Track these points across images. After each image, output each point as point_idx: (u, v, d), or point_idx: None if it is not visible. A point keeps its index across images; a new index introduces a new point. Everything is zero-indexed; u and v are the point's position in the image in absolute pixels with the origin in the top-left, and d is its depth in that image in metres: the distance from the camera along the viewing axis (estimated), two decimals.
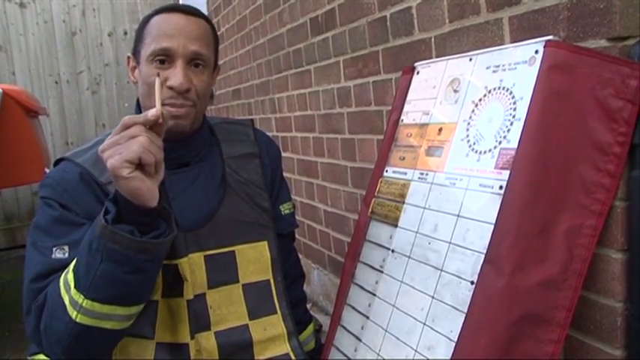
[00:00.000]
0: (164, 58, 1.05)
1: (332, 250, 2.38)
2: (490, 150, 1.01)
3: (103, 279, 0.90)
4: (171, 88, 1.04)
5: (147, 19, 1.10)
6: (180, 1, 4.09)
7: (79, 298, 0.92)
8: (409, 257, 1.15)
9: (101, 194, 1.05)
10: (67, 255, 1.01)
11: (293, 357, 1.18)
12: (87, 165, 1.07)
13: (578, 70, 0.90)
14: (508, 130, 0.97)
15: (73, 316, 0.92)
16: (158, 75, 1.01)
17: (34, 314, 0.99)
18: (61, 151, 4.47)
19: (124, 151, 0.85)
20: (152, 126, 0.89)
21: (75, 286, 0.92)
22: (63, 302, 0.93)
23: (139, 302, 0.98)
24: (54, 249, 1.02)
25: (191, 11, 1.10)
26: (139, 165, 0.87)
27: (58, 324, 0.95)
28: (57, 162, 1.14)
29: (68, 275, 0.95)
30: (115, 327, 0.96)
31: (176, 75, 1.04)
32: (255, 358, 1.15)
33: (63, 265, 0.99)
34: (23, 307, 1.02)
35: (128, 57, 1.15)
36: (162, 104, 1.03)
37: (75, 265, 0.94)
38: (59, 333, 0.95)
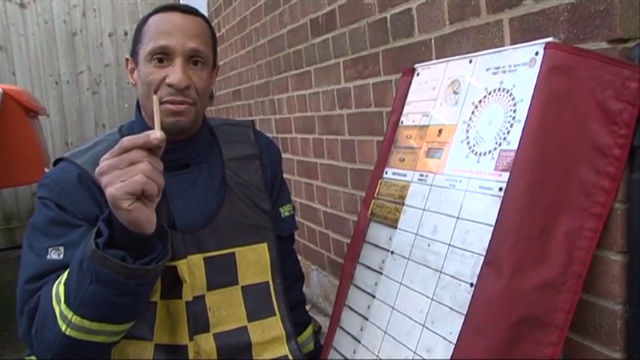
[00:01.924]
0: (163, 56, 1.04)
1: (331, 252, 2.38)
2: (490, 152, 1.00)
3: (91, 299, 0.89)
4: (170, 85, 1.03)
5: (144, 20, 1.10)
6: (181, 2, 4.09)
7: (69, 314, 0.90)
8: (408, 259, 1.15)
9: (99, 196, 1.04)
10: (62, 256, 1.00)
11: (291, 359, 1.18)
12: (86, 166, 1.07)
13: (579, 72, 0.90)
14: (508, 132, 0.97)
15: (63, 329, 0.91)
16: (155, 92, 1.00)
17: (27, 317, 0.98)
18: (60, 151, 4.47)
19: (126, 179, 0.81)
20: (151, 148, 0.85)
21: (65, 301, 0.91)
22: (54, 313, 0.93)
23: (129, 321, 0.97)
24: (49, 249, 1.01)
25: (189, 10, 1.10)
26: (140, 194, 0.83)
27: (48, 333, 0.94)
28: (56, 162, 1.13)
29: (60, 288, 0.93)
30: (105, 340, 0.95)
31: (175, 72, 1.03)
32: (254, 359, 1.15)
33: (58, 266, 0.98)
34: (16, 308, 1.01)
35: (127, 59, 1.14)
36: (162, 102, 1.03)
37: (66, 280, 0.93)
38: (49, 341, 0.94)
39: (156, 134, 0.84)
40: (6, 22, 4.59)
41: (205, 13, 4.08)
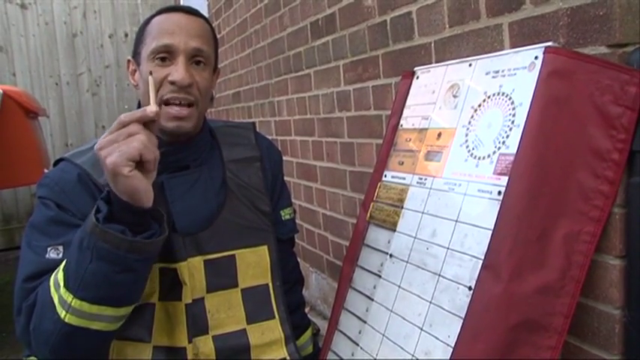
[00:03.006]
0: (165, 55, 1.05)
1: (330, 254, 2.38)
2: (489, 155, 1.01)
3: (92, 278, 0.90)
4: (173, 83, 1.04)
5: (147, 21, 1.11)
6: (182, 4, 4.10)
7: (68, 297, 0.91)
8: (407, 262, 1.15)
9: (99, 196, 1.04)
10: (61, 255, 1.00)
11: None
12: (86, 166, 1.07)
13: (578, 77, 0.90)
14: (507, 136, 0.97)
15: (62, 316, 0.92)
16: (151, 73, 1.01)
17: (25, 314, 0.99)
18: (60, 152, 4.47)
19: (124, 148, 0.86)
20: (146, 124, 0.90)
21: (64, 285, 0.92)
22: (52, 301, 0.93)
23: (128, 303, 0.98)
24: (48, 249, 1.01)
25: (191, 11, 1.11)
26: (138, 163, 0.87)
27: (46, 323, 0.94)
28: (56, 162, 1.14)
29: (58, 274, 0.94)
30: (104, 328, 0.95)
31: (178, 70, 1.04)
32: None
33: (56, 266, 0.98)
34: (14, 307, 1.01)
35: (128, 60, 1.15)
36: (165, 102, 1.04)
37: (65, 264, 0.94)
38: (47, 332, 0.94)
39: (152, 108, 0.90)
40: (7, 22, 4.60)
41: (206, 14, 4.09)
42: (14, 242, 4.51)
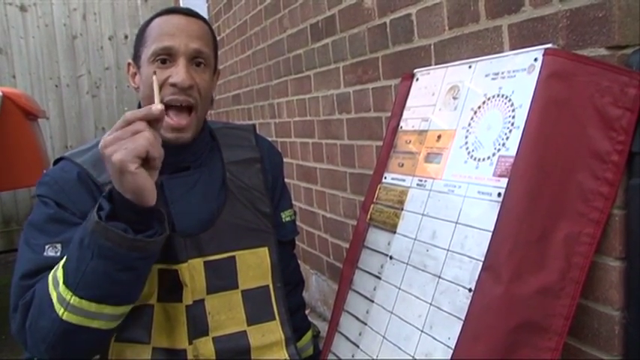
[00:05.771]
0: (166, 57, 1.05)
1: (330, 256, 2.38)
2: (489, 157, 1.01)
3: (93, 276, 0.90)
4: (174, 85, 1.04)
5: (147, 23, 1.11)
6: (181, 5, 4.10)
7: (67, 295, 0.91)
8: (407, 264, 1.15)
9: (98, 195, 1.04)
10: (59, 253, 1.00)
11: None
12: (86, 165, 1.07)
13: (577, 79, 0.91)
14: (507, 138, 0.98)
15: (60, 313, 0.91)
16: (155, 73, 1.01)
17: (21, 311, 0.98)
18: (60, 154, 4.42)
19: (130, 145, 0.85)
20: (150, 123, 0.90)
21: (64, 282, 0.92)
22: (50, 298, 0.93)
23: (127, 302, 0.98)
24: (46, 247, 1.01)
25: (191, 13, 1.12)
26: (144, 161, 0.87)
27: (44, 321, 0.94)
28: (56, 161, 1.14)
29: (57, 272, 0.94)
30: (102, 327, 0.95)
31: (179, 72, 1.04)
32: None
33: (54, 263, 0.98)
34: (10, 304, 1.01)
35: (128, 63, 1.15)
36: (165, 105, 1.03)
37: (65, 262, 0.94)
38: (45, 330, 0.94)
39: (157, 106, 0.90)
40: (6, 25, 4.60)
41: (205, 16, 4.08)
42: (13, 244, 4.50)
